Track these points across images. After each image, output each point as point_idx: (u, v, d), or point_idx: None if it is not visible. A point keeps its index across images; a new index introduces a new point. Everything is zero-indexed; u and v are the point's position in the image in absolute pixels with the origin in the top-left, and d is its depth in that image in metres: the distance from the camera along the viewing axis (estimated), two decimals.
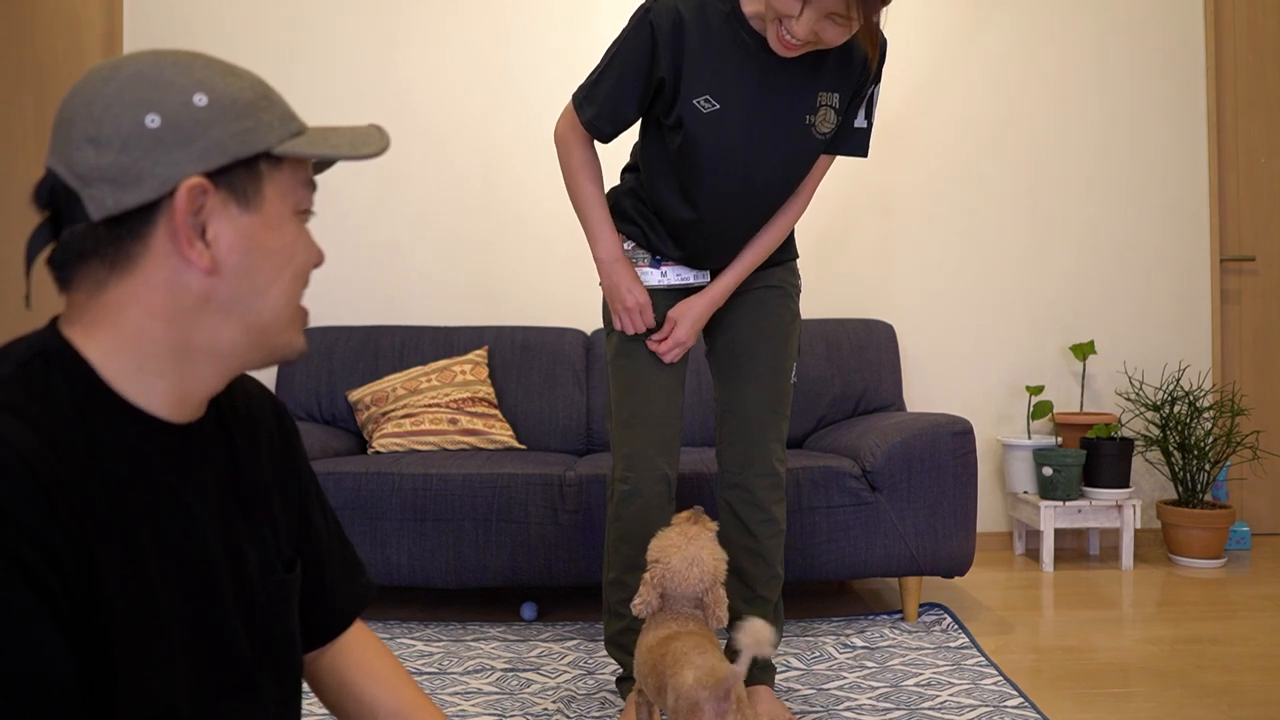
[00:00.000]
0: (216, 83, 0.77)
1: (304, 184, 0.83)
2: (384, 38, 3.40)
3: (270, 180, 0.79)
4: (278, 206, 0.80)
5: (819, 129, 1.76)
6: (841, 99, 1.76)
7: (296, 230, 0.82)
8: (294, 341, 0.84)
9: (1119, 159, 3.55)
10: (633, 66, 1.70)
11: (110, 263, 0.75)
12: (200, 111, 0.75)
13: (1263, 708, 1.97)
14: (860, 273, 3.49)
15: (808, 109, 1.73)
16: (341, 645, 1.02)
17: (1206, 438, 3.22)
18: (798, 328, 1.97)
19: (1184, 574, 3.11)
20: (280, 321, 0.82)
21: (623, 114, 1.75)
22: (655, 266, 1.89)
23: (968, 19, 3.51)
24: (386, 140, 0.84)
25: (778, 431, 1.93)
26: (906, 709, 1.95)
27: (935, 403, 3.47)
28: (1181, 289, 3.56)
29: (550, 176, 3.38)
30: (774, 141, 1.74)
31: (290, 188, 0.81)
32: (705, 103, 1.69)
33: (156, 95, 0.75)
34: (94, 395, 0.75)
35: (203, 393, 0.81)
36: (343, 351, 3.10)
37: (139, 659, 0.72)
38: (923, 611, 2.60)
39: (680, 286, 1.90)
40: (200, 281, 0.76)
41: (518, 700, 2.02)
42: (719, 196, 1.77)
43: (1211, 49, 3.57)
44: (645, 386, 1.86)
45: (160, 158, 0.74)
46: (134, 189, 0.74)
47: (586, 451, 3.04)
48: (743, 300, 1.92)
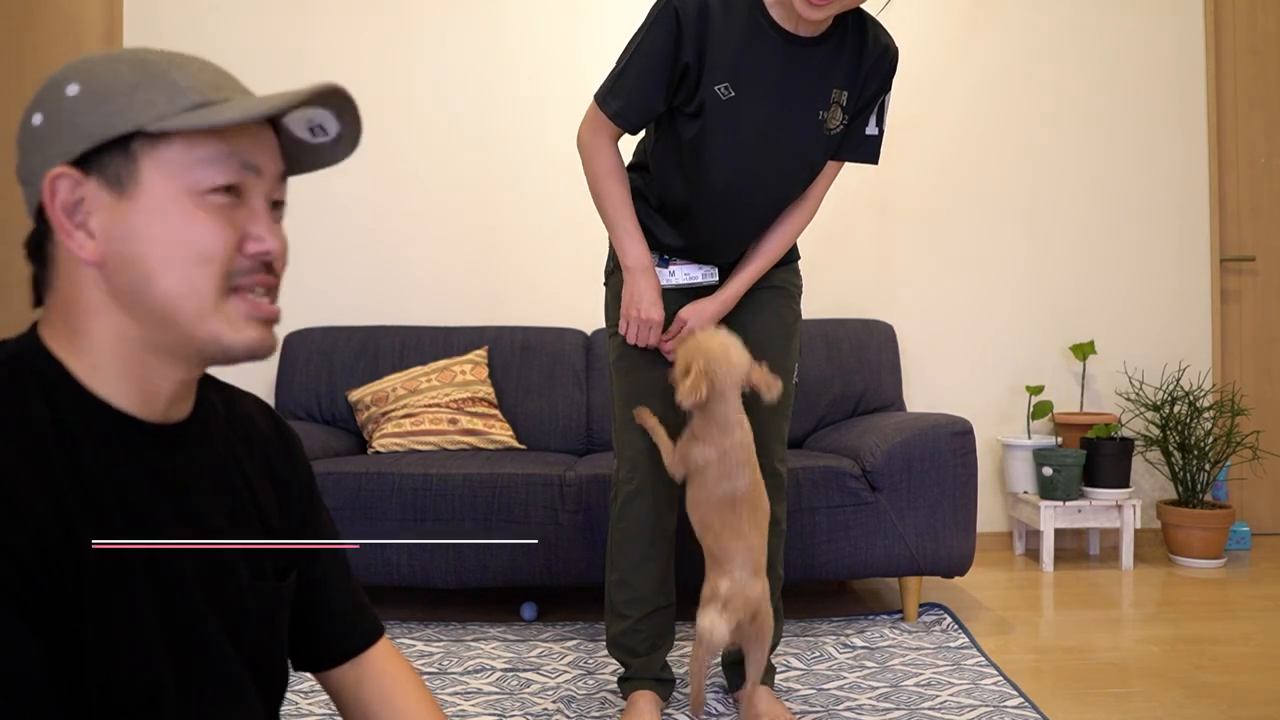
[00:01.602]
0: (98, 72, 0.74)
1: (210, 161, 0.75)
2: (384, 37, 3.40)
3: (150, 160, 0.73)
4: (162, 189, 0.74)
5: (828, 125, 1.76)
6: (850, 98, 1.76)
7: (192, 213, 0.74)
8: (221, 335, 0.76)
9: (1119, 159, 3.55)
10: (657, 54, 1.68)
11: (43, 263, 0.77)
12: (70, 101, 0.73)
13: (1263, 707, 1.97)
14: (860, 273, 3.49)
15: (821, 105, 1.73)
16: (366, 667, 1.00)
17: (1206, 438, 3.22)
18: (799, 328, 1.99)
19: (1184, 574, 3.11)
20: (187, 313, 0.75)
21: (650, 103, 1.72)
22: (664, 266, 1.88)
23: (968, 19, 3.51)
24: (300, 96, 0.74)
25: (780, 432, 1.94)
26: (906, 709, 1.95)
27: (935, 403, 3.47)
28: (1181, 289, 3.56)
29: (551, 176, 3.38)
30: (785, 133, 1.73)
31: (183, 166, 0.74)
32: (724, 90, 1.68)
33: (44, 94, 0.75)
34: (67, 396, 0.74)
35: (166, 389, 0.78)
36: (343, 351, 3.10)
37: (116, 648, 0.71)
38: (923, 611, 2.60)
39: (689, 286, 1.89)
40: (96, 275, 0.74)
41: (518, 700, 2.01)
42: (727, 186, 1.77)
43: (1211, 49, 3.57)
44: (646, 389, 1.87)
45: (39, 154, 0.74)
46: (31, 190, 0.75)
47: (586, 451, 3.04)
48: (747, 301, 1.92)
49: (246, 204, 0.77)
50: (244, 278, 0.77)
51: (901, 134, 3.46)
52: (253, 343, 0.78)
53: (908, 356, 3.45)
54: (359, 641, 1.00)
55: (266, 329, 0.79)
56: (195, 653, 0.78)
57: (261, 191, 0.79)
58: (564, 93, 3.36)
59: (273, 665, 0.88)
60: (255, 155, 0.77)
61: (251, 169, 0.77)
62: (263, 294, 0.79)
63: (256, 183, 0.78)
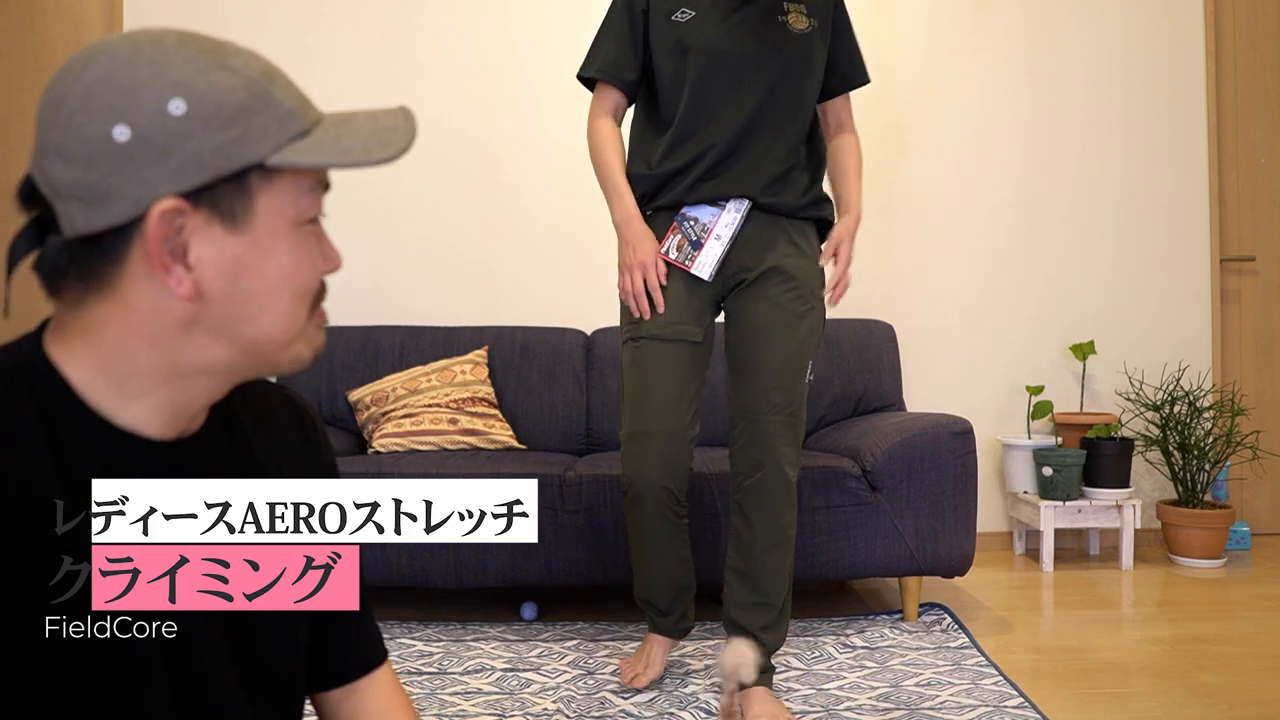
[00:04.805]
0: (198, 83, 0.66)
1: (308, 190, 0.72)
2: (384, 37, 3.40)
3: (264, 194, 0.69)
4: (272, 223, 0.70)
5: (794, 25, 1.90)
6: (809, 8, 1.92)
7: (296, 246, 0.72)
8: (301, 355, 0.75)
9: (1119, 159, 3.55)
10: (619, 11, 1.94)
11: (86, 282, 0.68)
12: (175, 122, 0.65)
13: (1263, 707, 1.97)
14: (860, 273, 3.48)
15: (778, 10, 1.90)
16: (361, 695, 0.93)
17: (1206, 438, 3.22)
18: (816, 322, 1.93)
19: (1184, 574, 3.11)
20: (278, 342, 0.73)
21: (626, 54, 1.94)
22: (696, 248, 1.90)
23: (970, 20, 3.51)
24: (411, 134, 0.73)
25: (791, 436, 1.90)
26: (906, 709, 1.95)
27: (935, 403, 3.47)
28: (1181, 289, 3.56)
29: (551, 176, 3.38)
30: (754, 34, 1.88)
31: (289, 199, 0.71)
32: (682, 14, 1.89)
33: (126, 103, 0.65)
34: (66, 415, 0.68)
35: (197, 406, 0.75)
36: (343, 351, 3.10)
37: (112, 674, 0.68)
38: (923, 611, 2.60)
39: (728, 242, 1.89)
40: (183, 307, 0.69)
41: (518, 700, 2.01)
42: (719, 100, 1.87)
43: (1211, 49, 3.56)
44: (652, 399, 1.89)
45: (130, 175, 0.65)
46: (103, 209, 0.66)
47: (586, 451, 3.04)
48: (753, 295, 1.91)
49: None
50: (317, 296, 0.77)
51: (903, 134, 3.46)
52: (319, 349, 0.78)
53: (908, 356, 3.45)
54: (357, 666, 0.93)
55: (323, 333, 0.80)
56: (189, 669, 0.73)
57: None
58: (564, 93, 3.35)
59: (285, 684, 0.83)
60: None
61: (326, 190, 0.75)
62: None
63: None
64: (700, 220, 1.89)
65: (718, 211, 1.89)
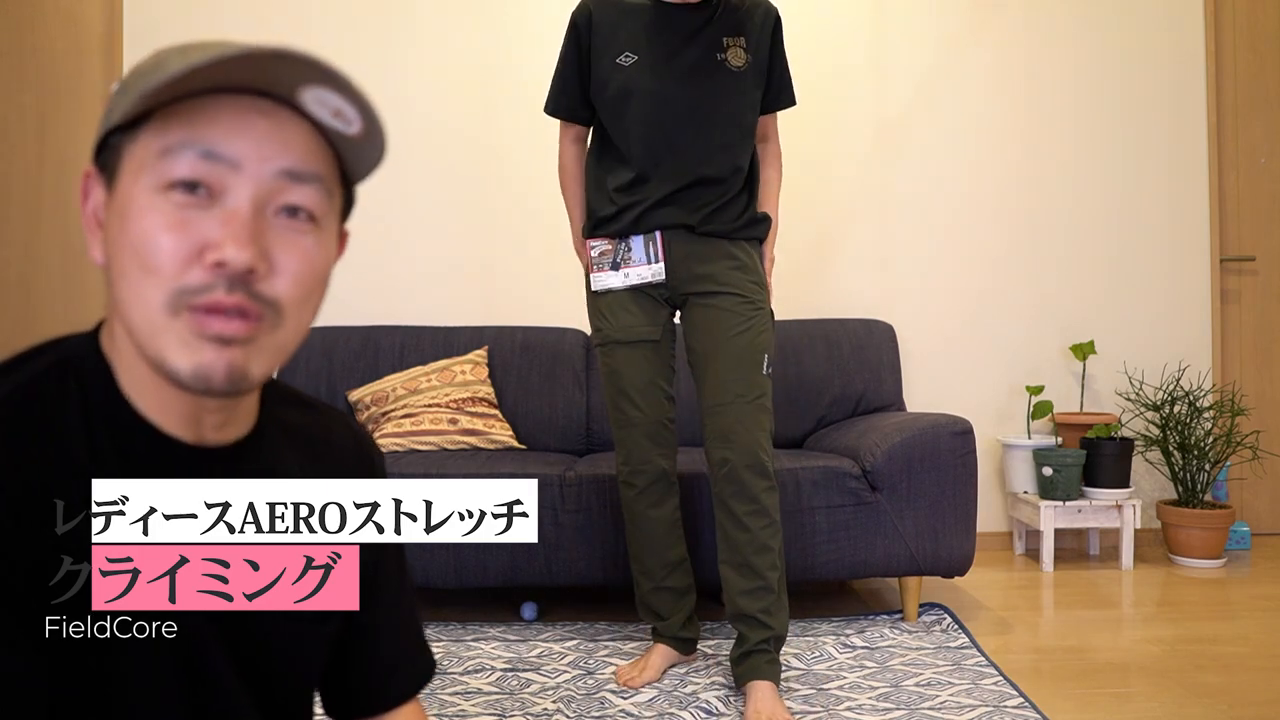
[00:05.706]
0: (141, 62, 0.67)
1: (167, 151, 0.64)
2: (384, 38, 3.40)
3: (127, 153, 0.65)
4: (130, 184, 0.64)
5: (732, 63, 2.00)
6: (749, 42, 2.01)
7: (151, 213, 0.63)
8: (173, 362, 0.64)
9: (1119, 159, 3.55)
10: (570, 55, 2.06)
11: None
12: (110, 100, 0.68)
13: (1263, 707, 1.97)
14: (860, 273, 3.49)
15: (717, 48, 1.99)
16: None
17: (1206, 438, 3.22)
18: (765, 321, 2.03)
19: (1184, 574, 3.11)
20: (141, 333, 0.65)
21: (577, 95, 2.07)
22: (615, 270, 2.07)
23: (968, 19, 3.51)
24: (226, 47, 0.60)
25: (757, 422, 1.98)
26: (906, 709, 1.95)
27: (935, 403, 3.47)
28: (1181, 289, 3.56)
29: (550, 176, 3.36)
30: (693, 75, 1.98)
31: (145, 159, 0.64)
32: (625, 58, 1.99)
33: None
34: (106, 410, 0.68)
35: (200, 408, 0.71)
36: (343, 351, 3.10)
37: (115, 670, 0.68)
38: (923, 611, 2.60)
39: (640, 285, 2.06)
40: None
41: (518, 700, 2.01)
42: (664, 145, 1.97)
43: (1211, 49, 3.56)
44: (628, 392, 2.08)
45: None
46: None
47: (586, 451, 3.04)
48: (702, 304, 2.04)
49: (221, 204, 0.65)
50: (201, 295, 0.64)
51: (902, 134, 3.46)
52: (201, 366, 0.64)
53: (908, 356, 3.45)
54: (384, 700, 0.90)
55: (223, 350, 0.65)
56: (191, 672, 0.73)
57: (247, 190, 0.65)
58: None
59: (289, 705, 0.81)
60: (228, 144, 0.64)
61: (218, 159, 0.64)
62: (234, 314, 0.65)
63: (236, 179, 0.65)
64: (632, 254, 2.06)
65: (645, 259, 2.05)
